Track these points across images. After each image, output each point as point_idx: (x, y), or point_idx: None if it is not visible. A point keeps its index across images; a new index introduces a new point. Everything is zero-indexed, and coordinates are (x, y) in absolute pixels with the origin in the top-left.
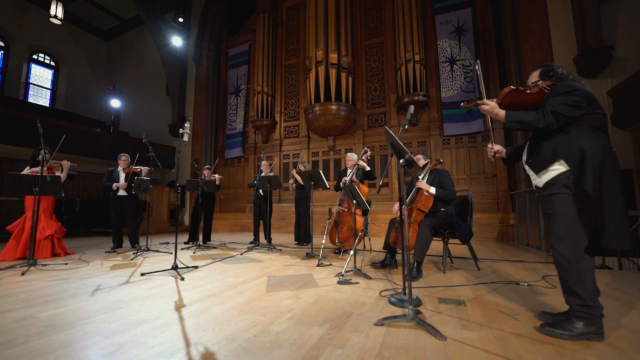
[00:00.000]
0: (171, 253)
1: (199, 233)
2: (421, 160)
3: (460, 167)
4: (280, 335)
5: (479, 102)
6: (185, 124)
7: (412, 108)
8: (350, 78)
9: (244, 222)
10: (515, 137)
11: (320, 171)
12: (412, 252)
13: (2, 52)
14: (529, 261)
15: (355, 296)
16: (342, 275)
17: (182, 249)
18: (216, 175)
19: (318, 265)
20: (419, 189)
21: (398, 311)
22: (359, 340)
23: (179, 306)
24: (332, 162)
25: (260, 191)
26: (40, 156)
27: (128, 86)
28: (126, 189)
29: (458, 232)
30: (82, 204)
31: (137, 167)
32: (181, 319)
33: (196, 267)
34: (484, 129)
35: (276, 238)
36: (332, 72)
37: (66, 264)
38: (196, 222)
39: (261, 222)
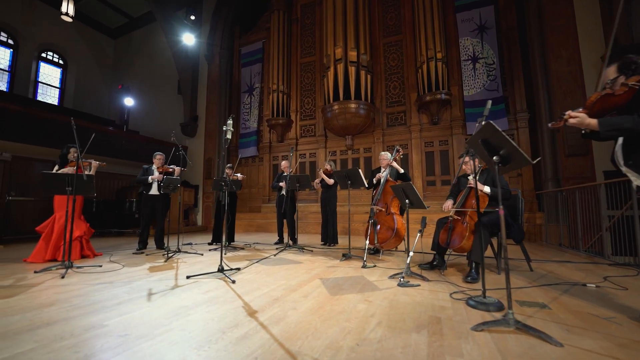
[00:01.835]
0: (202, 254)
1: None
2: (470, 162)
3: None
4: (384, 343)
5: (564, 117)
6: (229, 121)
7: (489, 103)
8: (369, 76)
9: (259, 222)
10: (541, 139)
11: (359, 169)
12: (459, 253)
13: (12, 50)
14: (575, 262)
15: (426, 299)
16: (403, 278)
17: (209, 250)
18: (239, 175)
19: (363, 267)
20: (472, 188)
21: (486, 315)
22: (471, 347)
23: (251, 311)
24: (350, 162)
25: (283, 191)
26: (71, 154)
27: (137, 85)
28: (159, 189)
29: (513, 232)
30: (99, 205)
31: (170, 166)
32: (263, 326)
33: (238, 269)
34: (508, 128)
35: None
36: (352, 70)
37: (100, 266)
38: (220, 223)
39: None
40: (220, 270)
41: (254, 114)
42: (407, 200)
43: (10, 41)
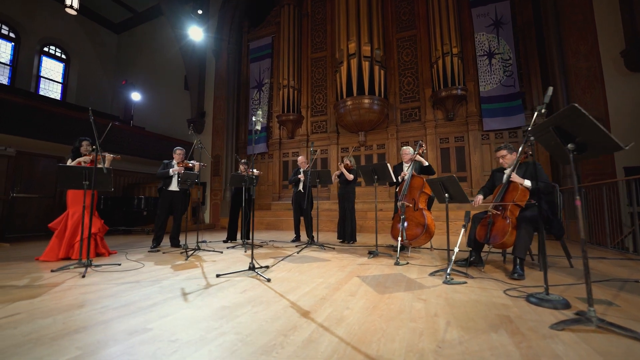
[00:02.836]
0: (221, 252)
1: (238, 231)
2: (508, 156)
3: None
4: (467, 346)
5: None
6: (258, 112)
7: (550, 90)
8: (382, 72)
9: (268, 219)
10: None
11: (388, 164)
12: (499, 249)
13: (13, 43)
14: (610, 258)
15: (482, 297)
16: (449, 275)
17: (227, 248)
18: (255, 170)
19: (396, 264)
20: (510, 182)
21: (556, 314)
22: (564, 349)
23: (303, 312)
24: (363, 158)
25: (300, 187)
26: (83, 147)
27: (142, 80)
28: (178, 185)
29: (554, 227)
30: (106, 202)
31: (191, 161)
32: (325, 328)
33: (267, 267)
34: (525, 124)
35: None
36: (365, 65)
37: (119, 264)
38: (236, 220)
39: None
40: (252, 268)
41: (264, 110)
42: (446, 195)
43: (11, 34)
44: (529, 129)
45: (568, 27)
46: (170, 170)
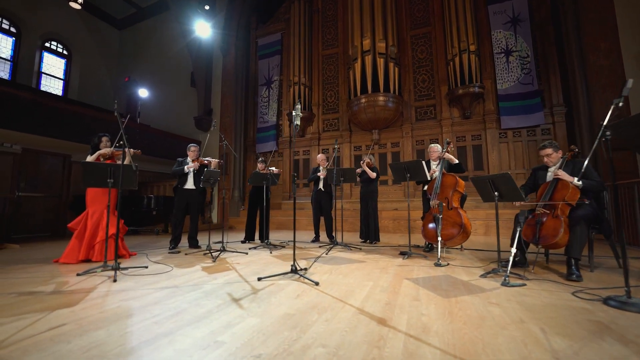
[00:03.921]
0: (246, 253)
1: (256, 231)
2: (553, 155)
3: (518, 161)
4: (586, 356)
5: None
6: (297, 106)
7: (630, 82)
8: (396, 69)
9: (279, 219)
10: (580, 132)
11: (423, 161)
12: (551, 249)
13: (14, 38)
14: None
15: (555, 300)
16: (507, 277)
17: (250, 249)
18: (274, 169)
19: (437, 265)
20: (558, 181)
21: None
22: None
23: (378, 320)
24: (377, 157)
25: (321, 185)
26: (103, 143)
27: (146, 77)
28: (194, 183)
29: (603, 227)
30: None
31: (206, 158)
32: (414, 337)
33: (306, 269)
34: (544, 122)
35: (310, 235)
36: (380, 61)
37: (146, 267)
38: (254, 220)
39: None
40: (294, 270)
41: (273, 108)
42: (495, 193)
43: (12, 29)
44: (605, 123)
45: (588, 24)
46: (185, 167)
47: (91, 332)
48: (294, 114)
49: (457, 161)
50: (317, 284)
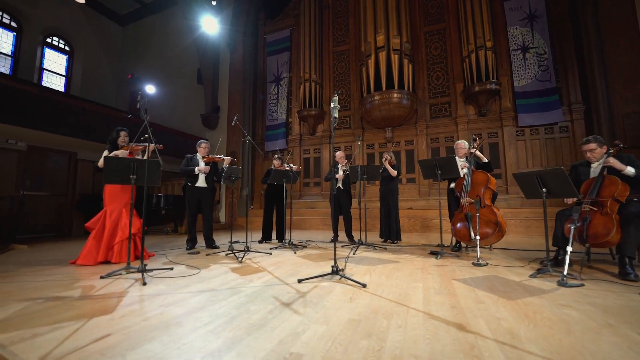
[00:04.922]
0: (270, 254)
1: (273, 230)
2: (597, 150)
3: (536, 159)
4: None
5: None
6: (334, 97)
7: None
8: (410, 65)
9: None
10: (599, 130)
11: (455, 157)
12: (600, 248)
13: (15, 33)
14: None
15: (628, 302)
16: (565, 277)
17: (271, 249)
18: (293, 166)
19: (477, 265)
20: (605, 177)
21: None
22: None
23: (455, 325)
24: None
25: (339, 184)
26: (121, 138)
27: (150, 74)
28: (206, 181)
29: None
30: None
31: (218, 155)
32: (510, 345)
33: (342, 270)
34: (562, 119)
35: (325, 235)
36: (395, 58)
37: (171, 269)
38: (271, 219)
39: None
40: (335, 272)
41: (282, 105)
42: (543, 190)
43: (13, 24)
44: None
45: (607, 21)
46: (195, 168)
47: (144, 344)
48: (331, 105)
49: (486, 160)
50: (364, 285)
